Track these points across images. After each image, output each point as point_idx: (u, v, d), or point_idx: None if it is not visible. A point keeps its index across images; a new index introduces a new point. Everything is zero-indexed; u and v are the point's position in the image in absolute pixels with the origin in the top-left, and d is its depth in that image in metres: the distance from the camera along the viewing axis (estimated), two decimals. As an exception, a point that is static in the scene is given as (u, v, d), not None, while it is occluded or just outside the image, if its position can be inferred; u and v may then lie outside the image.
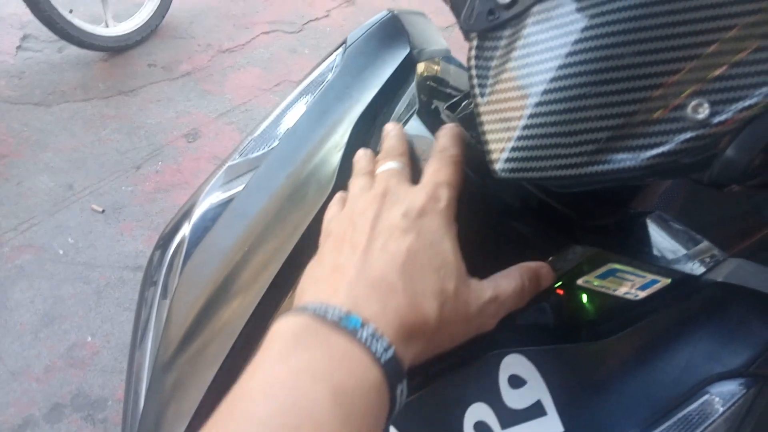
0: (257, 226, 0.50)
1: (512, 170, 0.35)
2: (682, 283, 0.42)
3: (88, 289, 1.61)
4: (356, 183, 0.43)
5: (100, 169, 1.92)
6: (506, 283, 0.39)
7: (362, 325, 0.32)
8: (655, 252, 0.45)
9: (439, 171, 0.40)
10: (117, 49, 2.34)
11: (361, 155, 0.47)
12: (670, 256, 0.44)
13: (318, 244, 0.43)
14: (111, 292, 1.61)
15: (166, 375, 0.50)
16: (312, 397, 0.29)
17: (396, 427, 0.41)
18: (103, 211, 1.80)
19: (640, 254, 0.43)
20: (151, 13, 2.41)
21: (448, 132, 0.43)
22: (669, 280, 0.42)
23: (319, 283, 0.36)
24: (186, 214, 0.56)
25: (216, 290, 0.50)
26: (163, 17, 2.48)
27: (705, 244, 0.46)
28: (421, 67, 0.55)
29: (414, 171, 0.44)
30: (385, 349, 0.31)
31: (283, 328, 0.32)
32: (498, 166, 0.36)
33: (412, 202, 0.38)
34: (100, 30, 2.26)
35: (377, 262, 0.35)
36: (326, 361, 0.30)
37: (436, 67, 0.57)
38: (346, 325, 0.31)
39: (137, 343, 0.56)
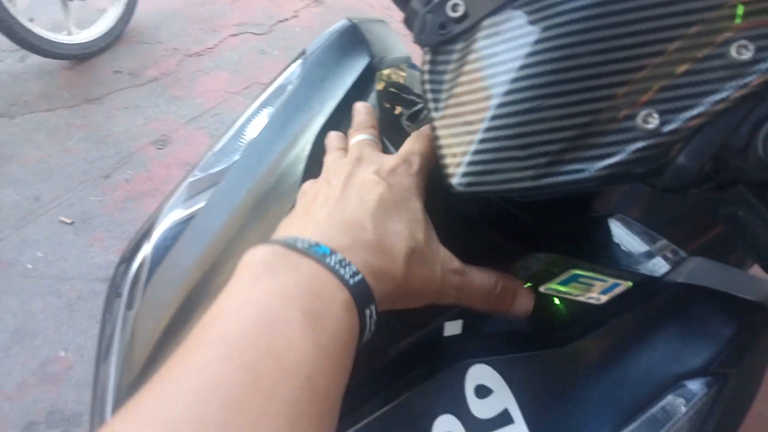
0: (219, 244, 0.50)
1: (468, 184, 0.35)
2: (644, 285, 0.43)
3: (59, 302, 1.58)
4: (330, 156, 0.45)
5: (68, 180, 1.88)
6: (478, 274, 0.40)
7: (330, 253, 0.33)
8: (617, 254, 0.45)
9: (415, 142, 0.42)
10: (81, 56, 2.29)
11: (333, 136, 0.48)
12: (631, 256, 0.45)
13: None
14: (83, 305, 1.58)
15: (131, 395, 0.49)
16: (283, 315, 0.29)
17: (364, 443, 0.41)
18: (72, 222, 1.76)
19: (602, 257, 0.44)
20: (115, 19, 2.36)
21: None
22: (630, 283, 0.42)
23: (291, 225, 0.38)
24: (146, 234, 0.55)
25: (179, 310, 0.49)
26: (128, 23, 2.44)
27: (665, 243, 0.47)
28: (382, 76, 0.55)
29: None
30: (353, 274, 0.32)
31: (253, 257, 0.33)
32: (454, 181, 0.36)
33: (384, 163, 0.40)
34: (62, 38, 2.21)
35: (348, 207, 0.37)
36: (296, 284, 0.31)
37: (397, 75, 0.57)
38: (315, 252, 0.32)
39: (102, 359, 0.55)
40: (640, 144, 0.32)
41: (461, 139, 0.35)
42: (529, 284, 0.43)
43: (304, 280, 0.31)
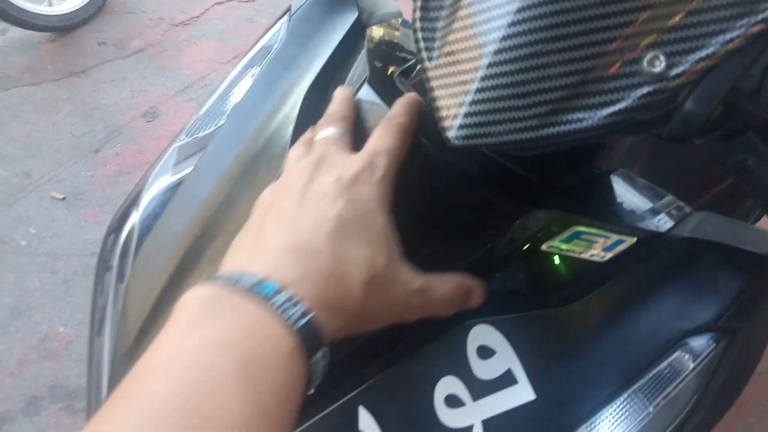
0: (208, 209, 0.48)
1: (466, 137, 0.33)
2: (648, 241, 0.41)
3: (56, 278, 1.57)
4: (294, 151, 0.41)
5: (57, 155, 1.86)
6: (439, 285, 0.38)
7: (278, 291, 0.30)
8: (621, 210, 0.44)
9: (381, 138, 0.39)
10: (64, 28, 2.23)
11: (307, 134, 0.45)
12: (635, 213, 0.43)
13: None
14: (79, 281, 1.57)
15: (126, 367, 0.48)
16: (218, 369, 0.27)
17: (366, 407, 0.40)
18: (64, 198, 1.74)
19: (605, 214, 0.42)
20: (97, -12, 2.30)
21: (402, 100, 0.41)
22: (634, 239, 0.41)
23: (239, 252, 0.35)
24: (134, 201, 0.53)
25: (170, 277, 0.48)
26: (110, -9, 2.37)
27: (670, 198, 0.45)
28: (372, 32, 0.52)
29: (362, 139, 0.41)
30: (302, 315, 0.30)
31: (190, 299, 0.30)
32: (451, 134, 0.34)
33: (346, 169, 0.37)
34: (43, 9, 2.14)
35: (303, 228, 0.34)
36: (236, 330, 0.28)
37: (388, 31, 0.55)
38: (259, 291, 0.30)
39: (95, 332, 0.54)
40: (645, 89, 0.30)
41: (457, 89, 0.33)
42: (525, 247, 0.41)
43: (245, 326, 0.28)
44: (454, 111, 0.34)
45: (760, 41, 0.29)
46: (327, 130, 0.41)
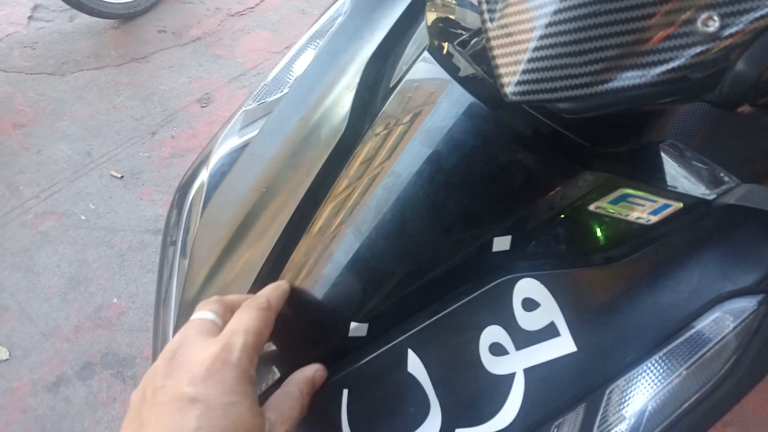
0: (273, 169, 0.52)
1: (523, 93, 0.36)
2: (694, 207, 0.43)
3: (112, 252, 1.65)
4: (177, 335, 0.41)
5: (117, 136, 1.94)
6: (290, 408, 0.39)
7: None
8: (668, 178, 0.45)
9: (239, 318, 0.39)
10: (127, 16, 2.33)
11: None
12: (682, 182, 0.45)
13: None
14: (134, 255, 1.64)
15: (191, 310, 0.52)
16: None
17: (414, 351, 0.43)
18: (122, 177, 1.83)
19: (653, 180, 0.44)
20: (159, -22, 2.39)
21: (270, 285, 0.44)
22: (681, 204, 0.42)
23: None
24: (204, 161, 0.57)
25: (236, 231, 0.51)
26: (171, -18, 2.47)
27: (718, 169, 0.46)
28: (430, 8, 0.55)
29: (415, 117, 0.43)
30: None
31: None
32: (509, 90, 0.36)
33: (200, 363, 0.36)
34: (109, -3, 2.25)
35: None
36: None
37: (446, 9, 0.57)
38: None
39: (161, 303, 0.58)
40: (699, 48, 0.31)
41: (516, 47, 0.35)
42: (572, 207, 0.43)
43: None
44: (513, 68, 0.36)
45: None
46: (201, 313, 0.41)
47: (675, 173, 0.45)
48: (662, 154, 0.46)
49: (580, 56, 0.34)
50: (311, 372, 0.43)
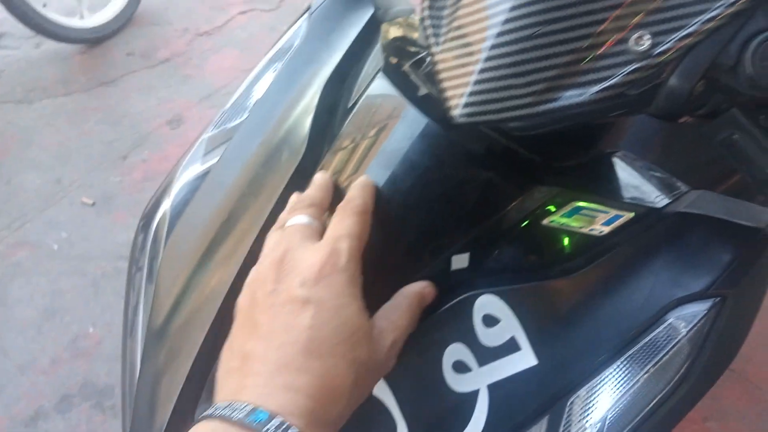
0: (234, 195, 0.52)
1: (470, 114, 0.36)
2: (645, 215, 0.44)
3: (86, 281, 1.63)
4: (268, 241, 0.42)
5: (87, 162, 1.92)
6: (399, 317, 0.40)
7: (269, 419, 0.32)
8: (620, 188, 0.46)
9: (340, 223, 0.40)
10: (94, 40, 2.31)
11: (292, 200, 0.46)
12: (634, 191, 0.46)
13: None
14: (108, 282, 1.62)
15: (157, 346, 0.52)
16: None
17: (379, 373, 0.43)
18: (94, 203, 1.81)
19: (605, 191, 0.45)
20: (126, 2, 2.38)
21: (356, 184, 0.43)
22: (632, 214, 0.43)
23: (230, 377, 0.36)
24: (165, 190, 0.57)
25: (199, 260, 0.51)
26: (138, 5, 2.46)
27: (668, 177, 0.48)
28: (386, 28, 0.56)
29: (374, 135, 0.44)
30: None
31: None
32: (456, 112, 0.37)
33: (310, 268, 0.37)
34: (75, 22, 2.23)
35: (282, 345, 0.35)
36: None
37: (402, 27, 0.58)
38: (252, 421, 0.31)
39: (128, 332, 0.57)
40: (633, 66, 0.33)
41: (462, 70, 0.36)
42: (527, 222, 0.44)
43: None
44: (460, 91, 0.37)
45: (736, 20, 0.31)
46: (296, 218, 0.42)
47: (627, 183, 0.46)
48: (614, 165, 0.47)
49: (522, 77, 0.35)
50: (420, 287, 0.42)
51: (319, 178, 0.46)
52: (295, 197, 0.46)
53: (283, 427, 0.31)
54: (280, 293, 0.37)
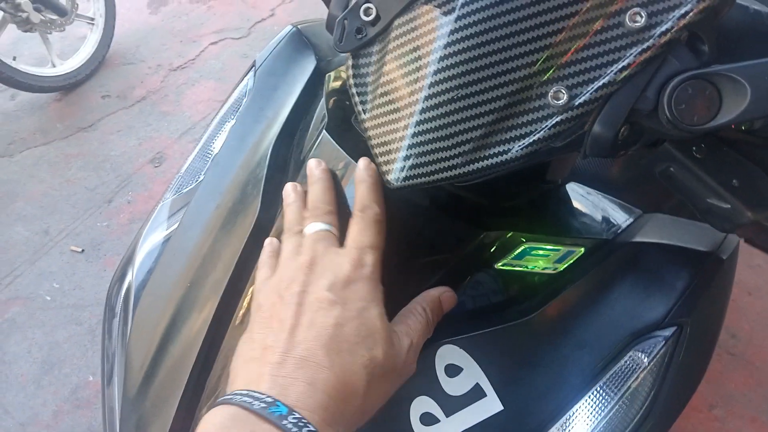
0: (195, 262, 0.52)
1: (404, 179, 0.37)
2: (598, 248, 0.44)
3: (81, 329, 1.63)
4: (286, 245, 0.43)
5: (73, 210, 1.92)
6: (415, 322, 0.41)
7: (289, 412, 0.32)
8: (572, 221, 0.46)
9: (362, 234, 0.41)
10: (68, 86, 2.32)
11: (290, 194, 0.46)
12: (585, 223, 0.46)
13: (250, 273, 0.44)
14: (104, 329, 1.62)
15: (134, 414, 0.52)
16: None
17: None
18: (83, 250, 1.81)
19: (556, 227, 0.45)
20: (96, 45, 2.38)
21: (364, 183, 0.42)
22: (582, 249, 0.44)
23: (249, 366, 0.37)
24: (129, 261, 0.57)
25: (166, 329, 0.51)
26: (109, 46, 2.46)
27: (620, 204, 0.48)
28: (329, 78, 0.56)
29: (336, 189, 0.44)
30: None
31: (211, 421, 0.33)
32: (391, 177, 0.37)
33: (338, 273, 0.39)
34: (47, 71, 2.24)
35: (304, 340, 0.36)
36: None
37: (345, 75, 0.58)
38: (272, 413, 0.32)
39: (106, 381, 0.58)
40: (555, 119, 0.33)
41: (391, 137, 0.37)
42: (480, 268, 0.44)
43: None
44: (392, 156, 0.37)
45: (650, 66, 0.32)
46: (315, 225, 0.43)
47: (578, 214, 0.47)
48: (564, 198, 0.47)
49: (450, 139, 0.35)
50: (437, 293, 0.43)
51: (324, 177, 0.45)
52: (290, 188, 0.46)
53: (301, 423, 0.32)
54: (308, 294, 0.38)
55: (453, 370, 0.43)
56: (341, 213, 0.44)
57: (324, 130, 0.49)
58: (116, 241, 1.82)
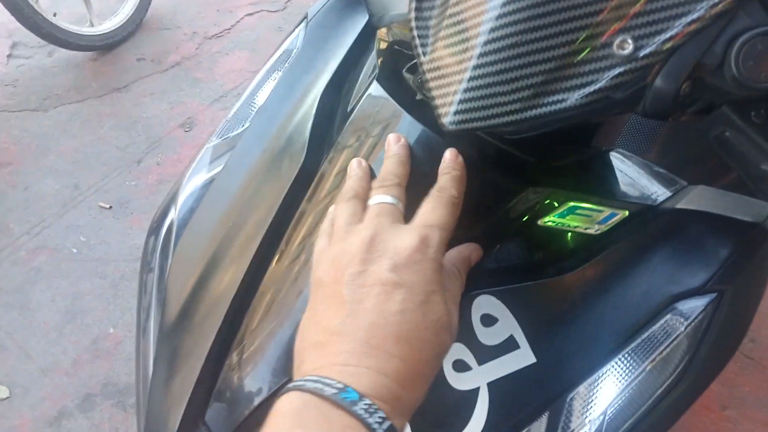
0: (238, 203, 0.53)
1: (460, 122, 0.37)
2: (641, 213, 0.44)
3: (105, 283, 1.66)
4: (344, 209, 0.41)
5: (103, 167, 1.96)
6: (455, 287, 0.40)
7: (360, 399, 0.32)
8: (616, 186, 0.46)
9: (433, 212, 0.40)
10: (105, 47, 2.34)
11: (354, 168, 0.45)
12: (629, 189, 0.46)
13: (295, 216, 0.44)
14: (127, 284, 1.65)
15: (168, 350, 0.53)
16: None
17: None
18: (111, 207, 1.84)
19: (600, 189, 0.45)
20: (134, 8, 2.40)
21: (450, 169, 0.42)
22: (626, 212, 0.44)
23: (317, 351, 0.36)
24: (172, 199, 0.58)
25: (206, 266, 0.53)
26: (147, 10, 2.48)
27: (665, 174, 0.48)
28: (381, 33, 0.56)
29: (373, 135, 0.45)
30: (381, 421, 0.32)
31: (285, 407, 0.33)
32: (446, 120, 0.37)
33: (400, 253, 0.37)
34: (86, 30, 2.26)
35: (372, 327, 0.35)
36: None
37: (398, 31, 0.59)
38: (343, 399, 0.32)
39: (141, 332, 0.59)
40: (617, 70, 0.33)
41: (449, 79, 0.37)
42: (523, 223, 0.45)
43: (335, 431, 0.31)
44: (449, 99, 0.37)
45: (720, 21, 0.31)
46: (382, 197, 0.41)
47: (622, 181, 0.47)
48: (609, 163, 0.48)
49: (510, 84, 0.35)
50: (468, 251, 0.43)
51: (401, 152, 0.44)
52: (355, 163, 0.44)
53: (372, 409, 0.32)
54: (369, 275, 0.37)
55: (488, 320, 0.43)
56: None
57: (375, 81, 0.49)
58: (143, 200, 1.85)
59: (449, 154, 0.42)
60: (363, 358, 0.34)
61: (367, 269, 0.37)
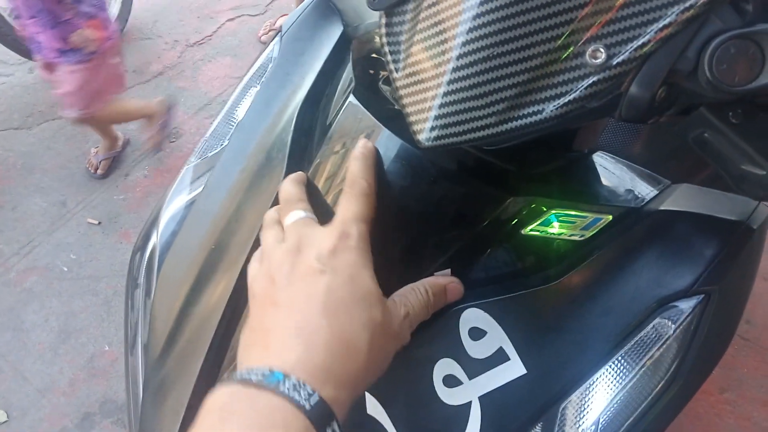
0: (220, 224, 0.52)
1: (436, 138, 0.37)
2: (625, 216, 0.44)
3: (98, 300, 1.65)
4: (267, 235, 0.43)
5: (90, 182, 1.94)
6: (414, 298, 0.41)
7: (285, 378, 0.33)
8: (598, 189, 0.46)
9: (347, 207, 0.41)
10: (86, 60, 2.32)
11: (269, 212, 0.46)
12: (612, 191, 0.46)
13: None
14: (119, 300, 1.64)
15: (157, 374, 0.53)
16: None
17: (371, 392, 0.44)
18: (99, 223, 1.83)
19: (583, 194, 0.45)
20: (113, 19, 2.38)
21: (356, 160, 0.43)
22: (610, 217, 0.43)
23: (250, 350, 0.37)
24: (153, 222, 0.58)
25: (191, 290, 0.52)
26: (126, 21, 2.46)
27: (647, 174, 0.47)
28: (356, 44, 0.56)
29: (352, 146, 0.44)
30: (309, 396, 0.32)
31: (212, 401, 0.33)
32: (422, 137, 0.37)
33: (322, 245, 0.39)
34: (65, 44, 2.24)
35: (300, 311, 0.36)
36: (254, 420, 0.31)
37: (372, 42, 0.58)
38: (269, 382, 0.32)
39: (129, 349, 0.59)
40: (591, 79, 0.33)
41: (423, 95, 0.37)
42: (505, 233, 0.44)
43: (262, 414, 0.31)
44: (424, 116, 0.37)
45: (691, 25, 0.31)
46: (295, 214, 0.43)
47: (606, 183, 0.46)
48: (591, 166, 0.47)
49: (484, 98, 0.35)
50: (445, 281, 0.43)
51: (290, 179, 0.46)
52: (274, 212, 0.46)
53: (298, 385, 0.32)
54: (297, 268, 0.38)
55: (477, 333, 0.43)
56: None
57: (351, 94, 0.49)
58: (132, 214, 1.84)
59: (360, 141, 0.43)
60: (289, 338, 0.35)
61: (295, 266, 0.38)
